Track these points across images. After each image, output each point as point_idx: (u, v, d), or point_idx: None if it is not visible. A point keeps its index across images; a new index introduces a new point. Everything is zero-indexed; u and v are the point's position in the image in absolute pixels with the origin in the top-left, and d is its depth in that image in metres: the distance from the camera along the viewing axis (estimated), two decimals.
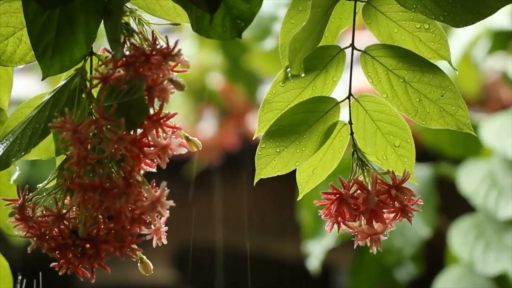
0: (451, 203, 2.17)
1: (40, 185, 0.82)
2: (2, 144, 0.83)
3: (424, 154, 2.11)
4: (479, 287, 1.93)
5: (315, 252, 2.08)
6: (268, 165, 0.89)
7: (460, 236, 1.97)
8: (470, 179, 2.00)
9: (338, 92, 0.90)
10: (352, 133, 0.90)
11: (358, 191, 0.86)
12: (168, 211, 0.78)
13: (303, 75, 0.88)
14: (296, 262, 2.60)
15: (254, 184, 0.90)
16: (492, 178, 1.98)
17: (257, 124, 0.90)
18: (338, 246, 2.12)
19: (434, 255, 2.24)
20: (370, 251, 0.86)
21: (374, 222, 0.85)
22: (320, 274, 2.13)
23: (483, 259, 1.93)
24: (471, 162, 2.05)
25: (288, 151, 0.89)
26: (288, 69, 0.87)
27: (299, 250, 2.16)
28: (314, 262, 2.07)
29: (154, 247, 0.82)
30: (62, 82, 0.83)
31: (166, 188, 0.77)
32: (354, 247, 0.86)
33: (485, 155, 2.08)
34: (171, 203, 0.77)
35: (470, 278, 1.94)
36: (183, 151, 0.79)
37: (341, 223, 0.86)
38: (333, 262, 2.91)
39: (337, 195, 0.85)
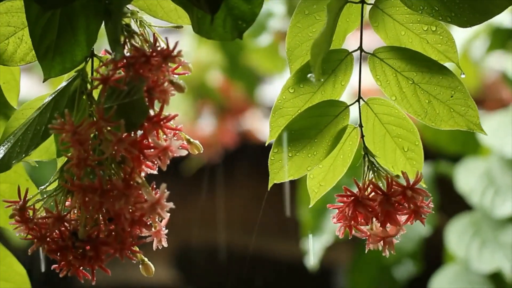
0: (450, 201, 2.17)
1: (42, 187, 0.82)
2: (3, 146, 0.83)
3: (424, 152, 2.10)
4: (474, 285, 1.93)
5: (314, 249, 2.08)
6: (281, 170, 0.89)
7: (457, 234, 1.97)
8: (467, 178, 2.00)
9: (344, 95, 0.90)
10: (362, 136, 0.89)
11: (373, 193, 0.85)
12: (168, 213, 0.78)
13: (322, 80, 0.87)
14: (295, 261, 2.60)
15: (269, 189, 0.89)
16: (490, 177, 1.98)
17: (269, 130, 0.89)
18: (337, 244, 2.11)
19: (433, 253, 2.24)
20: (383, 254, 0.86)
21: (387, 225, 0.85)
22: (319, 273, 2.13)
23: (478, 256, 1.93)
24: (469, 161, 2.05)
25: (300, 155, 0.88)
26: (310, 74, 0.86)
27: (298, 249, 2.16)
28: (313, 260, 2.07)
29: (155, 249, 0.82)
30: (63, 84, 0.82)
31: (166, 190, 0.77)
32: (366, 251, 0.86)
33: (484, 153, 2.08)
34: (171, 205, 0.77)
35: (465, 276, 1.94)
36: (184, 153, 0.79)
37: (353, 227, 0.85)
38: (332, 261, 2.91)
39: (352, 197, 0.85)
